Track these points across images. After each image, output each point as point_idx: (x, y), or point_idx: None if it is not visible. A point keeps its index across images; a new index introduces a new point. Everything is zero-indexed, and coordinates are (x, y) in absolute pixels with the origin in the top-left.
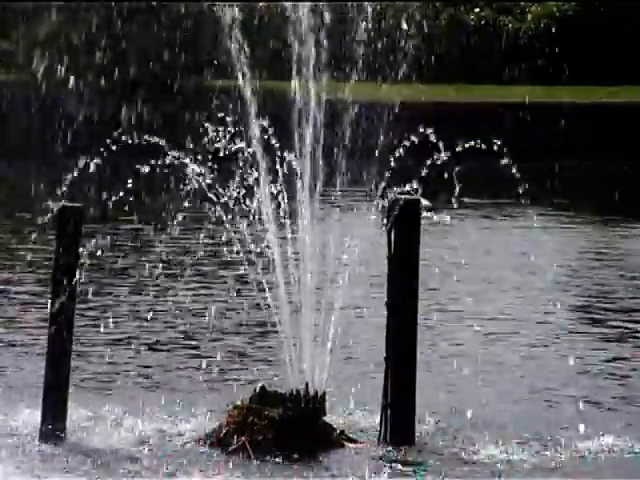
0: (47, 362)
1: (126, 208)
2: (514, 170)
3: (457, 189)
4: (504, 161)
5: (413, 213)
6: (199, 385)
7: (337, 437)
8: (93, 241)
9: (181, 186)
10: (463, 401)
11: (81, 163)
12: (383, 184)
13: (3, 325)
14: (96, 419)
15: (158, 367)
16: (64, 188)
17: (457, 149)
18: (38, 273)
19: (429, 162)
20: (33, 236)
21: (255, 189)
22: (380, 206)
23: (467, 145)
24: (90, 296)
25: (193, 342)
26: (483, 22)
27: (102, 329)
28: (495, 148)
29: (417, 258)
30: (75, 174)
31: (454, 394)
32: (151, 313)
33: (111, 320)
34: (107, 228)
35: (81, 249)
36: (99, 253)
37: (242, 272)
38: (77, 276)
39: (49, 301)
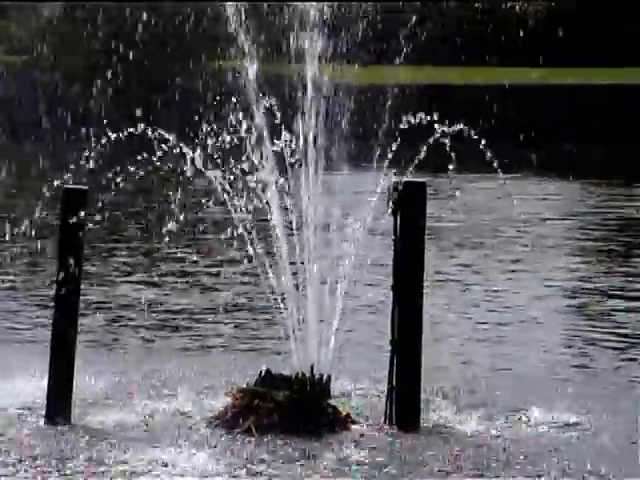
0: (52, 340)
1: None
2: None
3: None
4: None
5: (418, 195)
6: (206, 365)
7: (342, 420)
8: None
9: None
10: (471, 380)
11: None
12: (386, 166)
13: None
14: (101, 396)
15: (163, 346)
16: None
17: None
18: None
19: (427, 144)
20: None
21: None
22: (385, 188)
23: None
24: (97, 265)
25: (199, 320)
26: (489, 5)
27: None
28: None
29: (423, 240)
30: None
31: (461, 372)
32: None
33: (118, 293)
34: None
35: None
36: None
37: (244, 249)
38: (82, 260)
39: (54, 285)
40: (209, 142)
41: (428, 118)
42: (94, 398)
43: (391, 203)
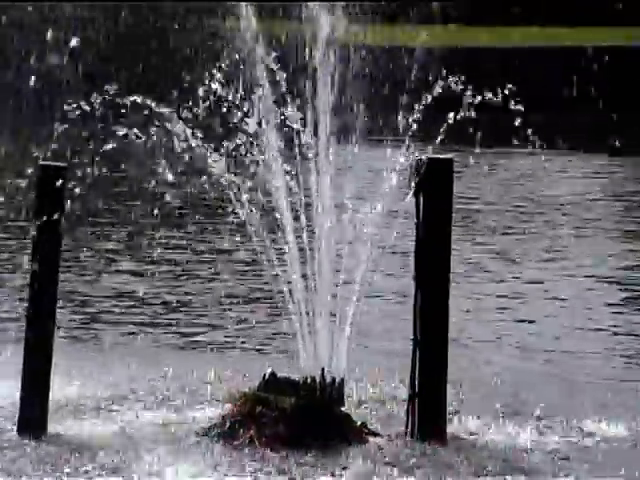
0: (27, 345)
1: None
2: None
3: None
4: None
5: (444, 173)
6: (202, 368)
7: (357, 430)
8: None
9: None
10: (505, 383)
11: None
12: (409, 140)
13: None
14: (83, 403)
15: (151, 343)
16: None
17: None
18: None
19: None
20: None
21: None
22: (407, 165)
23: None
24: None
25: (193, 314)
26: None
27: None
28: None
29: (449, 224)
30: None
31: (494, 375)
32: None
33: (101, 283)
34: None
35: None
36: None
37: (247, 232)
38: (60, 245)
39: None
40: (203, 110)
41: (456, 85)
42: (74, 404)
43: (413, 182)
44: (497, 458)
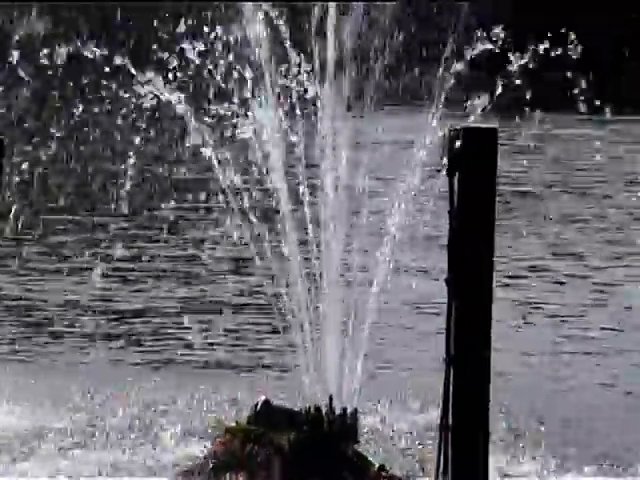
0: None
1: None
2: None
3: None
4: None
5: (486, 147)
6: (173, 393)
7: (374, 474)
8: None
9: None
10: (564, 415)
11: None
12: (442, 105)
13: None
14: (20, 439)
15: (113, 363)
16: None
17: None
18: None
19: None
20: None
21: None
22: (440, 137)
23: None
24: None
25: (167, 326)
26: None
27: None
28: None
29: (492, 211)
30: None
31: (549, 404)
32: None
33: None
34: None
35: None
36: None
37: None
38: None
39: None
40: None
41: (501, 37)
42: (8, 441)
43: (447, 158)
44: None
